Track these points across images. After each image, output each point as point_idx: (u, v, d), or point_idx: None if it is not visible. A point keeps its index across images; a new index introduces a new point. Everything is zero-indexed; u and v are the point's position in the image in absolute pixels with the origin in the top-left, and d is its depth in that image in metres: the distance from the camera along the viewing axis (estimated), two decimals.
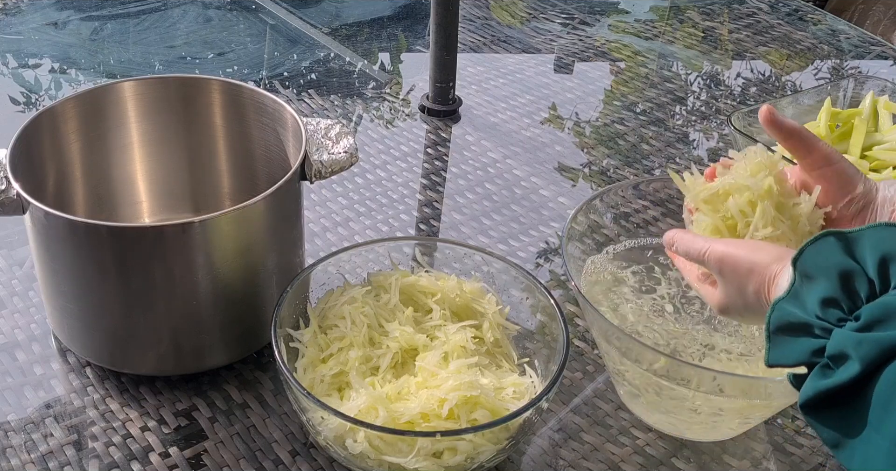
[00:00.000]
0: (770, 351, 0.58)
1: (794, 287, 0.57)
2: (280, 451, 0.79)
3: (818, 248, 0.57)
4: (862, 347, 0.51)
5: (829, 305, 0.55)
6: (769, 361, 0.58)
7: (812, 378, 0.55)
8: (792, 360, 0.57)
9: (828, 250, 0.56)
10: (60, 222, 0.75)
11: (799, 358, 0.56)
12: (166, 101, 0.93)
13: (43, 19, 1.53)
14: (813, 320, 0.55)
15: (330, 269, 0.83)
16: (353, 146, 0.86)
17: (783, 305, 0.57)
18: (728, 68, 1.47)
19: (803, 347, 0.56)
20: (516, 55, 1.48)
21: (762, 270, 0.63)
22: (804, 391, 0.55)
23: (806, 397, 0.55)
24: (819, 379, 0.54)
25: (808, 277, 0.56)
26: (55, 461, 0.77)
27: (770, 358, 0.58)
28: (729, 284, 0.66)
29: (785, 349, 0.57)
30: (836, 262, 0.56)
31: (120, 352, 0.82)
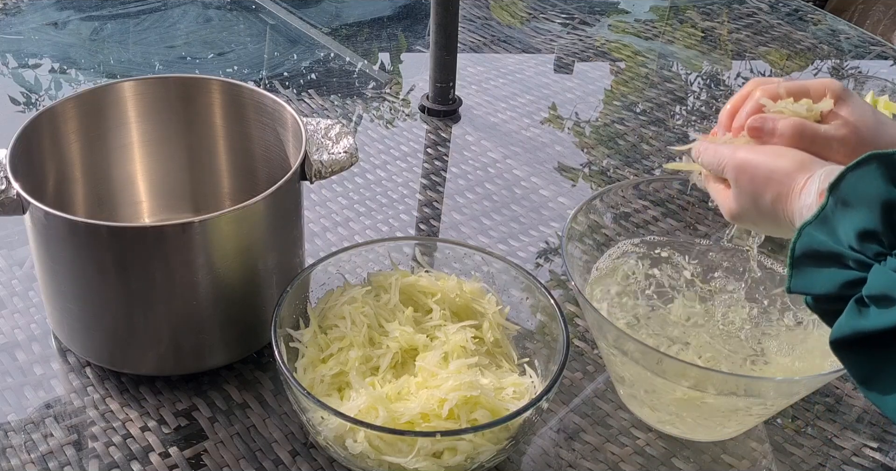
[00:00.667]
0: (793, 278, 0.55)
1: (825, 212, 0.53)
2: (280, 451, 0.79)
3: (861, 174, 0.52)
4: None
5: (868, 238, 0.51)
6: (791, 287, 0.55)
7: (848, 315, 0.52)
8: (819, 288, 0.54)
9: (871, 177, 0.52)
10: (60, 222, 0.75)
11: (827, 288, 0.53)
12: (166, 101, 0.93)
13: (43, 19, 1.53)
14: (846, 251, 0.52)
15: (330, 269, 0.83)
16: (353, 146, 0.86)
17: (812, 232, 0.54)
18: (728, 68, 1.47)
19: (833, 278, 0.53)
20: (516, 55, 1.48)
21: (782, 179, 0.59)
22: (839, 328, 0.52)
23: (841, 334, 0.52)
24: (856, 317, 0.51)
25: (845, 204, 0.52)
26: (55, 461, 0.77)
27: (793, 285, 0.55)
28: (743, 192, 0.62)
29: (811, 278, 0.54)
30: (879, 191, 0.51)
31: (120, 352, 0.82)
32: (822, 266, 0.54)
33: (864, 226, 0.51)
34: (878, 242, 0.51)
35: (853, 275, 0.52)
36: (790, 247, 0.55)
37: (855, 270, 0.52)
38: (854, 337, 0.51)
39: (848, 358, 0.53)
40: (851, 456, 0.82)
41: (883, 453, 0.82)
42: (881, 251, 0.51)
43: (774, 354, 0.81)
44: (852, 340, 0.52)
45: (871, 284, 0.51)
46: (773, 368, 0.80)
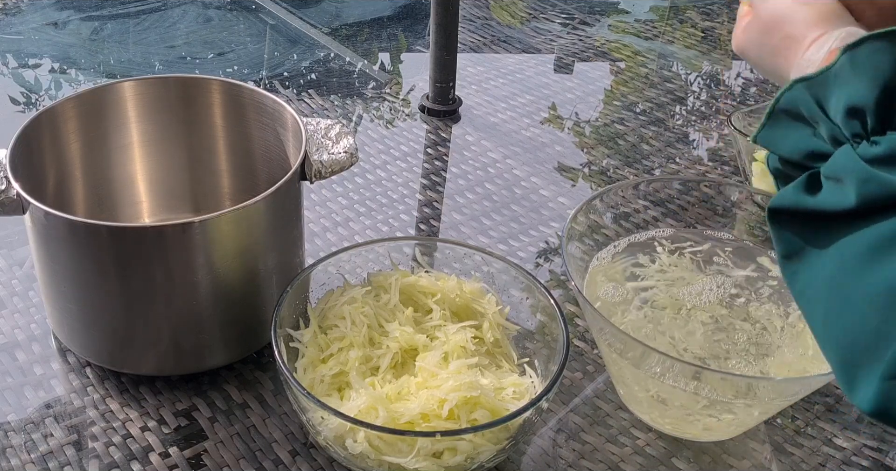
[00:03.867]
0: (763, 127, 0.52)
1: (828, 73, 0.49)
2: (280, 451, 0.79)
3: (882, 46, 0.48)
4: (867, 184, 0.46)
5: (854, 114, 0.48)
6: (757, 137, 0.53)
7: (796, 186, 0.50)
8: (784, 149, 0.52)
9: (885, 53, 0.48)
10: (60, 222, 0.75)
11: (791, 150, 0.51)
12: (166, 101, 0.93)
13: (43, 19, 1.53)
14: (825, 120, 0.49)
15: (330, 269, 0.83)
16: (353, 146, 0.86)
17: (803, 89, 0.50)
18: (728, 68, 1.47)
19: (801, 142, 0.50)
20: (516, 55, 1.48)
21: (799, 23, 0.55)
22: (781, 196, 0.50)
23: (780, 203, 0.50)
24: (802, 192, 0.49)
25: (853, 72, 0.48)
26: (55, 461, 0.77)
27: (760, 136, 0.53)
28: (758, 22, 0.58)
29: (780, 134, 0.52)
30: (886, 69, 0.47)
31: (120, 352, 0.82)
32: (796, 126, 0.51)
33: (856, 101, 0.48)
34: (861, 123, 0.48)
35: (821, 147, 0.49)
36: (776, 96, 0.52)
37: (825, 142, 0.49)
38: (793, 210, 0.50)
39: (779, 230, 0.51)
40: (851, 456, 0.82)
41: (883, 453, 0.82)
42: (859, 133, 0.48)
43: (775, 354, 0.81)
44: (790, 212, 0.50)
45: (830, 163, 0.48)
46: (773, 368, 0.80)
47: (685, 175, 1.18)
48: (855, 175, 0.46)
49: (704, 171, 1.20)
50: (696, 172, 1.19)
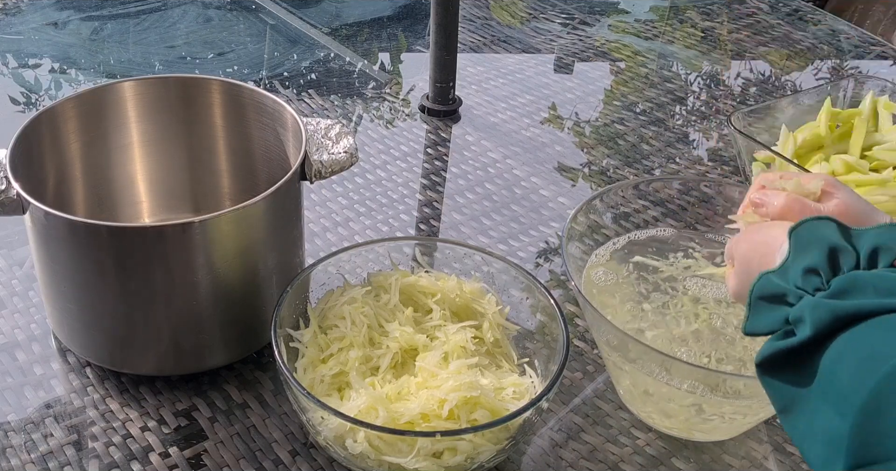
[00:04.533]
0: (748, 319, 0.59)
1: (787, 262, 0.57)
2: (280, 451, 0.79)
3: (818, 223, 0.58)
4: (816, 311, 0.52)
5: (811, 273, 0.55)
6: (746, 329, 0.59)
7: (771, 340, 0.55)
8: (765, 327, 0.57)
9: (825, 228, 0.57)
10: (60, 222, 0.75)
11: (772, 326, 0.57)
12: (166, 101, 0.93)
13: (43, 19, 1.53)
14: (791, 288, 0.56)
15: (330, 269, 0.83)
16: (353, 146, 0.86)
17: (769, 276, 0.58)
18: (728, 68, 1.47)
19: (777, 315, 0.56)
20: (516, 55, 1.48)
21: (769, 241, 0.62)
22: (762, 350, 0.55)
23: (761, 356, 0.55)
24: (776, 340, 0.55)
25: (800, 248, 0.57)
26: (55, 461, 0.77)
27: (747, 326, 0.59)
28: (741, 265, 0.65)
29: (761, 317, 0.58)
30: (829, 238, 0.56)
31: (120, 352, 0.82)
32: (771, 304, 0.57)
33: (810, 264, 0.55)
34: (818, 278, 0.55)
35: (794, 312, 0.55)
36: (749, 291, 0.58)
37: (794, 305, 0.55)
38: (771, 358, 0.54)
39: (769, 384, 0.55)
40: None
41: None
42: (819, 286, 0.55)
43: None
44: (769, 361, 0.55)
45: (795, 310, 0.54)
46: None
47: (685, 175, 1.18)
48: (808, 309, 0.53)
49: (704, 171, 1.20)
50: (696, 172, 1.19)
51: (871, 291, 0.52)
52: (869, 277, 0.53)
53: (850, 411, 0.47)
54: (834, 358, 0.51)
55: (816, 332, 0.52)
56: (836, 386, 0.50)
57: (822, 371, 0.51)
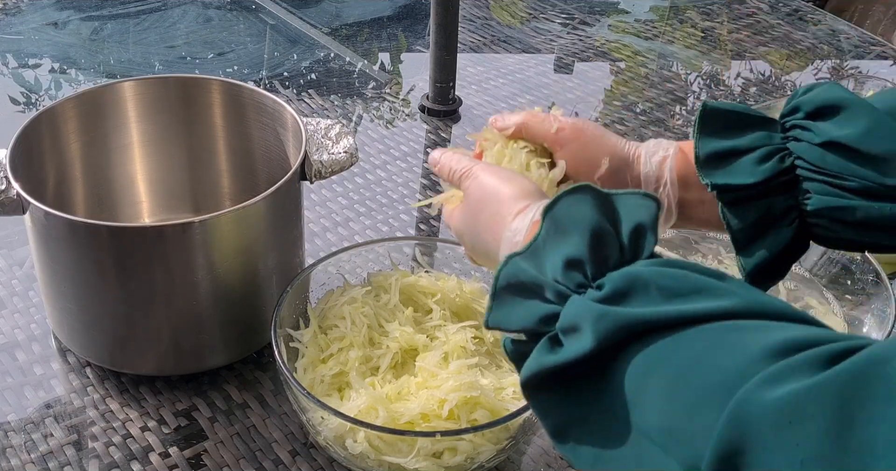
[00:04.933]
0: (492, 311, 0.50)
1: (536, 242, 0.50)
2: (280, 451, 0.79)
3: (575, 199, 0.51)
4: (601, 322, 0.44)
5: (574, 266, 0.48)
6: (488, 322, 0.51)
7: (538, 352, 0.47)
8: (515, 324, 0.50)
9: (584, 204, 0.50)
10: (60, 222, 0.75)
11: (524, 323, 0.49)
12: (166, 101, 0.93)
13: (43, 19, 1.53)
14: (548, 281, 0.48)
15: (330, 269, 0.83)
16: (353, 146, 0.86)
17: (518, 261, 0.50)
18: (728, 68, 1.47)
19: (531, 312, 0.49)
20: (516, 55, 1.48)
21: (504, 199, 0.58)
22: (527, 367, 0.47)
23: (529, 373, 0.47)
24: (545, 354, 0.47)
25: (558, 231, 0.50)
26: (55, 461, 0.77)
27: (490, 319, 0.51)
28: (469, 206, 0.61)
29: (510, 311, 0.50)
30: (591, 219, 0.49)
31: (120, 352, 0.82)
32: (523, 297, 0.50)
33: (571, 254, 0.48)
34: (582, 272, 0.48)
35: (552, 309, 0.48)
36: (494, 276, 0.51)
37: (554, 303, 0.48)
38: (541, 375, 0.47)
39: (538, 403, 0.48)
40: None
41: None
42: (583, 282, 0.48)
43: None
44: (539, 379, 0.47)
45: (563, 317, 0.47)
46: None
47: None
48: (588, 317, 0.45)
49: None
50: None
51: (655, 293, 0.45)
52: (648, 274, 0.46)
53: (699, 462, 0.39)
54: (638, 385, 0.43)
55: (601, 346, 0.44)
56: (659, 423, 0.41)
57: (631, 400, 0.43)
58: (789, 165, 0.60)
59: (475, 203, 0.60)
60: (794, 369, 0.37)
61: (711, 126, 0.62)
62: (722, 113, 0.62)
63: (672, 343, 0.43)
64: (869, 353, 0.36)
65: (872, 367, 0.35)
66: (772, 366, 0.38)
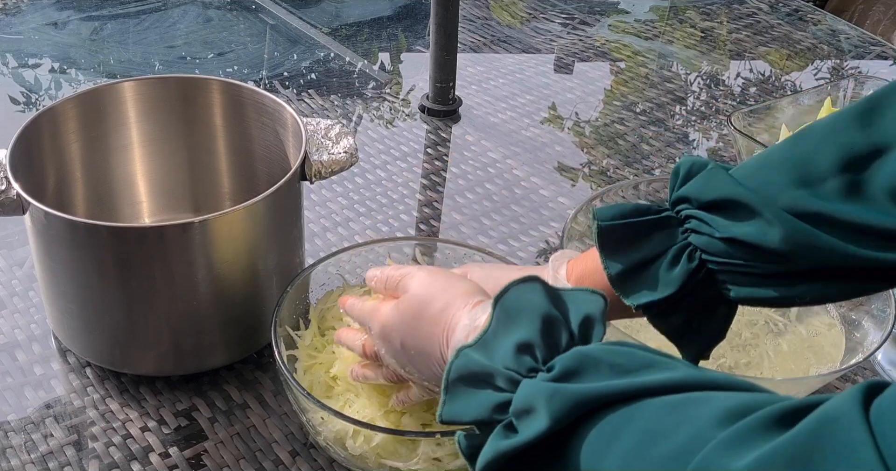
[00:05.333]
0: (445, 404, 0.51)
1: (487, 334, 0.51)
2: (280, 451, 0.79)
3: (524, 288, 0.52)
4: (554, 399, 0.44)
5: (524, 350, 0.49)
6: (442, 416, 0.51)
7: (493, 439, 0.47)
8: (469, 416, 0.50)
9: (533, 292, 0.51)
10: (60, 222, 0.75)
11: (477, 414, 0.49)
12: (166, 101, 0.93)
13: (43, 19, 1.53)
14: (499, 369, 0.49)
15: (330, 269, 0.83)
16: (353, 146, 0.86)
17: (469, 353, 0.51)
18: (727, 68, 1.47)
19: (484, 401, 0.49)
20: (516, 55, 1.48)
21: (454, 296, 0.59)
22: (483, 455, 0.47)
23: (485, 461, 0.47)
24: (500, 439, 0.46)
25: (509, 318, 0.51)
26: (55, 461, 0.77)
27: (444, 413, 0.51)
28: (408, 303, 0.61)
29: (463, 402, 0.50)
30: (540, 306, 0.50)
31: (120, 352, 0.82)
32: (475, 388, 0.50)
33: (521, 338, 0.49)
34: (532, 356, 0.48)
35: (504, 397, 0.48)
36: (445, 369, 0.51)
37: (506, 390, 0.48)
38: (498, 461, 0.46)
39: None
40: None
41: None
42: (534, 366, 0.48)
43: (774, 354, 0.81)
44: (497, 465, 0.46)
45: (516, 400, 0.47)
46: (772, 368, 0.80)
47: None
48: (541, 397, 0.45)
49: None
50: None
51: (605, 369, 0.45)
52: (598, 352, 0.46)
53: None
54: (595, 460, 0.43)
55: (555, 423, 0.44)
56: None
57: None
58: (699, 262, 0.60)
59: (419, 297, 0.61)
60: (749, 432, 0.38)
61: (612, 242, 0.62)
62: (618, 228, 0.62)
63: (625, 416, 0.43)
64: (820, 413, 0.36)
65: (824, 427, 0.36)
66: (726, 431, 0.38)
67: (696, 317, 0.62)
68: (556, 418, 0.44)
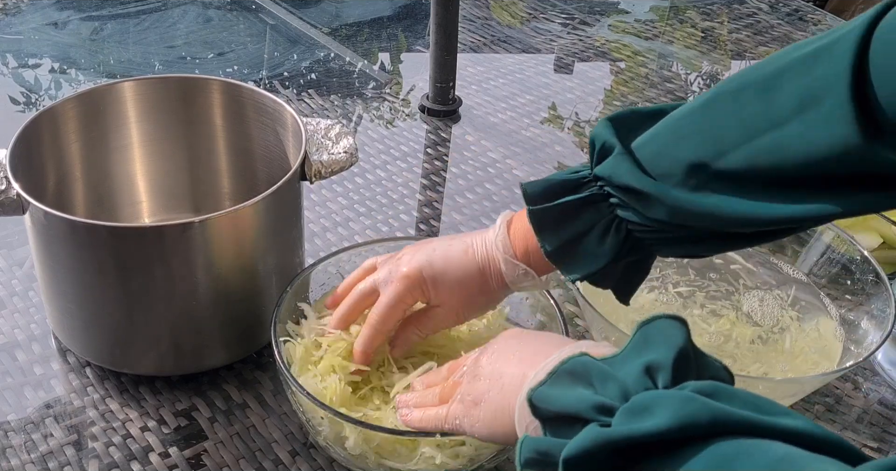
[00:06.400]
0: (543, 385, 0.51)
1: (618, 355, 0.51)
2: (280, 451, 0.79)
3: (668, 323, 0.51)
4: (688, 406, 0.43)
5: (650, 372, 0.48)
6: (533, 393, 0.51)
7: (588, 431, 0.46)
8: (561, 405, 0.49)
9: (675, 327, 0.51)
10: (60, 222, 0.75)
11: (573, 406, 0.49)
12: (166, 101, 0.93)
13: (43, 19, 1.53)
14: (616, 380, 0.48)
15: (330, 269, 0.83)
16: (353, 146, 0.86)
17: (593, 360, 0.51)
18: (728, 68, 1.47)
19: (587, 398, 0.48)
20: (516, 55, 1.48)
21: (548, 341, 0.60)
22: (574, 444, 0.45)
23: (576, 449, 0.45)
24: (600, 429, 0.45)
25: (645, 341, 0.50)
26: (55, 461, 0.77)
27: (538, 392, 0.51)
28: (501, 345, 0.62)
29: (562, 391, 0.50)
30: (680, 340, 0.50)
31: (120, 352, 0.82)
32: (575, 386, 0.50)
33: (654, 361, 0.48)
34: (653, 380, 0.48)
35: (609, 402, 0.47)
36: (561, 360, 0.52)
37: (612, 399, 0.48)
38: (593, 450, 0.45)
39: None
40: None
41: (883, 453, 0.82)
42: (650, 387, 0.48)
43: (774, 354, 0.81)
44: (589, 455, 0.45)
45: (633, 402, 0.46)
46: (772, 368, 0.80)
47: None
48: (669, 402, 0.44)
49: None
50: None
51: (741, 404, 0.44)
52: (730, 388, 0.46)
53: None
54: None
55: (682, 427, 0.43)
56: None
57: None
58: (625, 232, 0.65)
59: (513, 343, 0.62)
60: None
61: (545, 222, 0.67)
62: (549, 209, 0.66)
63: (754, 446, 0.42)
64: None
65: None
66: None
67: (629, 272, 0.68)
68: (686, 424, 0.42)
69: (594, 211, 0.65)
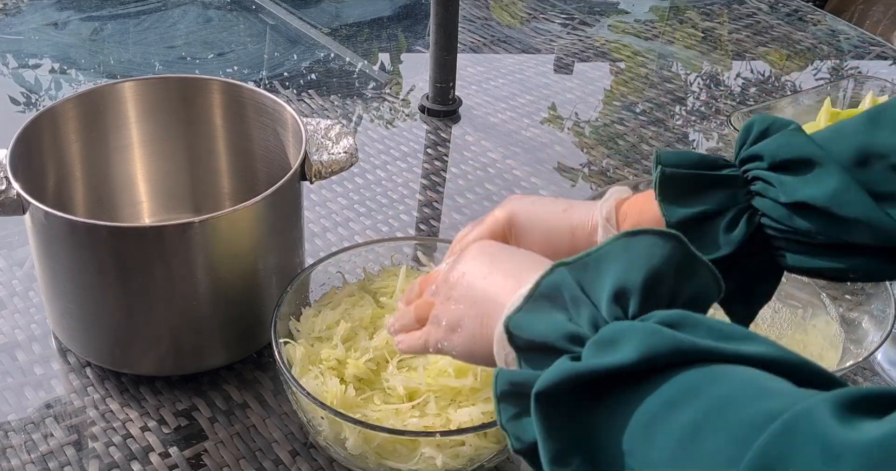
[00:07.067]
0: (519, 311, 0.49)
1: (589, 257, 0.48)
2: (280, 451, 0.79)
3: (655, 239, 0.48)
4: (651, 338, 0.43)
5: (619, 299, 0.46)
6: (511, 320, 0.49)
7: (559, 363, 0.45)
8: (536, 332, 0.47)
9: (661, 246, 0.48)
10: (60, 222, 0.75)
11: (546, 335, 0.47)
12: (166, 101, 0.93)
13: (43, 19, 1.53)
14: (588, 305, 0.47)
15: (330, 269, 0.83)
16: (353, 146, 0.86)
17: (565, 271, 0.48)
18: (728, 68, 1.47)
19: (558, 326, 0.47)
20: (516, 55, 1.48)
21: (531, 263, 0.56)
22: (547, 376, 0.44)
23: (547, 382, 0.44)
24: (569, 362, 0.44)
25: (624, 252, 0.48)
26: (55, 461, 0.77)
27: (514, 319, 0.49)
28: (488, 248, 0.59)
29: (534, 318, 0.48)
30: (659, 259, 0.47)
31: (120, 352, 0.82)
32: (551, 312, 0.48)
33: (624, 282, 0.47)
34: (623, 308, 0.46)
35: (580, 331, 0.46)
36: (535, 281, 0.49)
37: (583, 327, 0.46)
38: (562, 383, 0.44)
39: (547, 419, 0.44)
40: None
41: None
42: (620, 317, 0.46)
43: None
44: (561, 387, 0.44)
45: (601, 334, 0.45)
46: None
47: None
48: (634, 335, 0.43)
49: None
50: None
51: (706, 333, 0.43)
52: (697, 316, 0.44)
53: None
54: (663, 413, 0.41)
55: (644, 361, 0.42)
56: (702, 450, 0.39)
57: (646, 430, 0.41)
58: (758, 225, 0.60)
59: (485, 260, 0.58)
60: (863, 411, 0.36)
61: (673, 190, 0.61)
62: (682, 176, 0.61)
63: (719, 374, 0.41)
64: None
65: None
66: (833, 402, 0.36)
67: (748, 280, 0.61)
68: (649, 356, 0.42)
69: (729, 194, 0.60)
